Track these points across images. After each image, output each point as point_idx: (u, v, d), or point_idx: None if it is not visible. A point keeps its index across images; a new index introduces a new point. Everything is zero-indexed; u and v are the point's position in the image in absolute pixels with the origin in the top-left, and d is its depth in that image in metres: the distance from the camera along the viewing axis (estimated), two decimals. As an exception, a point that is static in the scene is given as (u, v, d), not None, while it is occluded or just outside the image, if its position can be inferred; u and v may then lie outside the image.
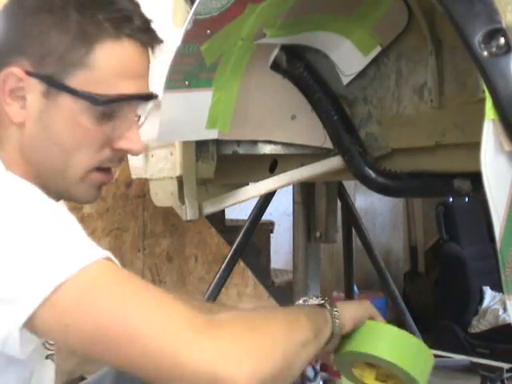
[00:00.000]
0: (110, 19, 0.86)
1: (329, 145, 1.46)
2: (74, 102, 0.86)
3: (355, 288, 3.24)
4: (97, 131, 0.88)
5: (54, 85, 0.86)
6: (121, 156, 0.94)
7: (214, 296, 2.26)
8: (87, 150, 0.89)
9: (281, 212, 3.49)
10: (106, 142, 0.90)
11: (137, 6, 0.91)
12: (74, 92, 0.86)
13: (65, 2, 0.86)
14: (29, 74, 0.86)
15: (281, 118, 1.46)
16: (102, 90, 0.86)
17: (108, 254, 0.79)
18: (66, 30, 0.85)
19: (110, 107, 0.88)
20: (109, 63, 0.87)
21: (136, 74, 0.89)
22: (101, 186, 0.94)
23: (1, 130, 0.89)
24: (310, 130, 1.46)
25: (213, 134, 1.39)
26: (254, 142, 1.48)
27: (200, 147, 1.47)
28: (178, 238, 2.80)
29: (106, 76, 0.87)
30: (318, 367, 2.33)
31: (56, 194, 0.91)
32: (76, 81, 0.86)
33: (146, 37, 0.90)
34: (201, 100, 1.29)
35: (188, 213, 1.50)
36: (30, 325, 0.74)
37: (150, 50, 0.92)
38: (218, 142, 1.48)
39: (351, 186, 3.37)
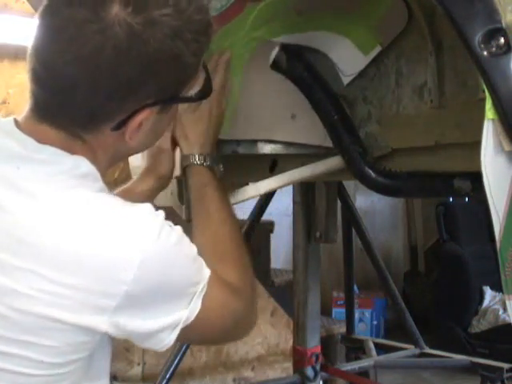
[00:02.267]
0: (209, 37, 0.96)
1: (329, 144, 1.47)
2: (182, 103, 1.03)
3: (355, 288, 3.25)
4: None
5: (172, 101, 0.96)
6: None
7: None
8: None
9: (281, 212, 3.49)
10: None
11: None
12: (187, 99, 1.00)
13: (182, 44, 0.89)
14: (153, 105, 0.91)
15: (281, 118, 1.46)
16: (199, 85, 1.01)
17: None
18: (188, 64, 0.92)
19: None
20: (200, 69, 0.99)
21: None
22: None
23: (95, 151, 0.93)
24: (310, 129, 1.46)
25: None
26: (254, 142, 1.48)
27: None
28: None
29: (198, 77, 0.99)
30: (318, 367, 2.33)
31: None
32: (186, 88, 0.96)
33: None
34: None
35: (188, 213, 1.50)
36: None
37: None
38: (217, 142, 1.48)
39: (351, 186, 3.37)
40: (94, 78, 0.85)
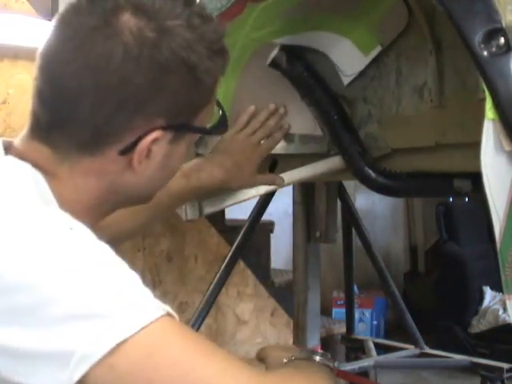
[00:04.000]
0: (224, 61, 0.89)
1: (319, 132, 1.48)
2: (195, 136, 0.92)
3: (355, 288, 3.25)
4: None
5: (184, 130, 0.87)
6: None
7: (213, 296, 2.26)
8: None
9: (281, 212, 3.49)
10: None
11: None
12: (202, 130, 0.92)
13: (196, 57, 0.83)
14: (164, 129, 0.84)
15: None
16: (209, 120, 0.92)
17: (168, 308, 0.74)
18: (201, 83, 0.85)
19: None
20: (214, 98, 0.91)
21: None
22: None
23: (88, 177, 0.84)
24: (300, 119, 1.47)
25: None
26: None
27: (199, 146, 1.47)
28: (177, 237, 2.79)
29: (211, 109, 0.92)
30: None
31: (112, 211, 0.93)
32: (198, 120, 0.89)
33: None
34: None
35: (188, 213, 1.50)
36: (82, 382, 0.69)
37: None
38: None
39: (351, 185, 3.36)
40: (100, 88, 0.79)
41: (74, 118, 0.81)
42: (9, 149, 0.85)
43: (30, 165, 0.81)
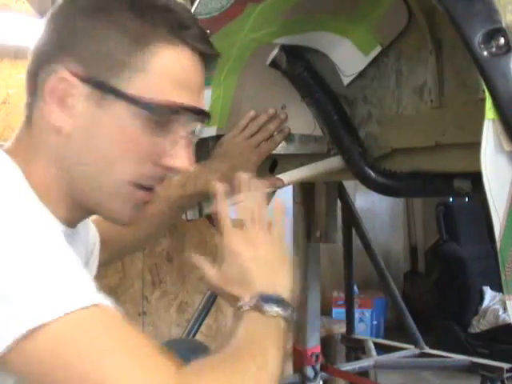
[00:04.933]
0: (166, 24, 0.81)
1: (318, 132, 1.48)
2: (127, 109, 0.80)
3: (355, 288, 3.25)
4: (144, 142, 0.81)
5: (110, 92, 0.79)
6: (162, 174, 0.86)
7: (214, 296, 2.26)
8: (130, 161, 0.82)
9: (281, 212, 3.48)
10: (151, 155, 0.83)
11: (194, 17, 0.87)
12: (130, 99, 0.79)
13: (121, 4, 0.81)
14: (82, 79, 0.79)
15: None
16: (156, 98, 0.80)
17: (101, 300, 0.70)
18: (124, 31, 0.79)
19: (164, 116, 0.81)
20: (164, 69, 0.81)
21: (191, 85, 0.84)
22: (139, 206, 0.87)
23: (35, 141, 0.83)
24: (299, 119, 1.47)
25: (211, 131, 1.40)
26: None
27: (199, 146, 1.47)
28: (177, 237, 2.79)
29: (160, 82, 0.81)
30: (317, 367, 2.33)
31: (88, 209, 0.87)
32: (131, 87, 0.79)
33: (203, 47, 0.84)
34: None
35: (188, 213, 1.50)
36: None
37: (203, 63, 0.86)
38: (216, 139, 1.49)
39: (351, 186, 3.36)
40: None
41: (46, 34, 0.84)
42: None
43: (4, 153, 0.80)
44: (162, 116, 0.81)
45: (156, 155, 0.83)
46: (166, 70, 0.81)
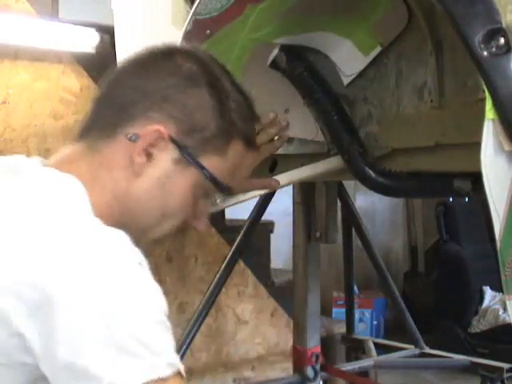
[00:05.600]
0: (249, 129, 0.97)
1: (321, 138, 1.48)
2: (197, 176, 0.92)
3: (355, 288, 3.25)
4: (195, 204, 0.95)
5: (190, 158, 0.90)
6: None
7: (213, 296, 2.26)
8: (178, 219, 0.95)
9: (281, 212, 3.48)
10: (190, 215, 0.96)
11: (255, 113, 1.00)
12: (205, 171, 0.92)
13: (226, 89, 0.92)
14: (172, 139, 0.89)
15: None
16: (218, 177, 0.93)
17: (182, 367, 0.75)
18: (222, 115, 0.91)
19: (213, 190, 0.95)
20: (232, 159, 0.95)
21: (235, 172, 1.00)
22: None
23: (103, 169, 0.90)
24: (302, 124, 1.47)
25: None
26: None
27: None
28: (177, 237, 2.79)
29: (226, 167, 0.94)
30: (317, 367, 2.33)
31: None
32: (208, 162, 0.91)
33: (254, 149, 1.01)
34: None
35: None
36: None
37: None
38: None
39: (351, 186, 3.37)
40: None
41: (112, 97, 0.92)
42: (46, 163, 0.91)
43: (70, 175, 0.86)
44: (213, 190, 0.95)
45: (193, 216, 0.96)
46: (232, 160, 0.95)
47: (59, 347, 0.71)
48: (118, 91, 0.92)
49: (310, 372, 2.31)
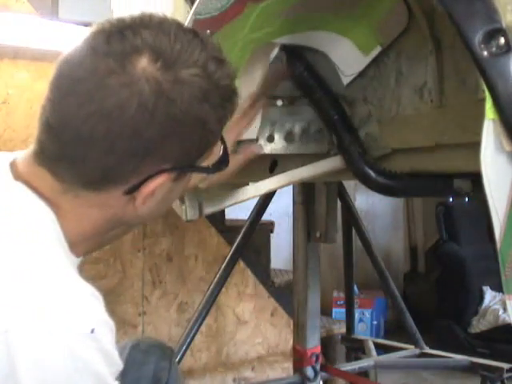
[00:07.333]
0: (234, 105, 0.93)
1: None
2: (195, 173, 0.94)
3: (355, 288, 3.25)
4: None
5: (188, 170, 0.91)
6: None
7: (213, 296, 2.26)
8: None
9: (281, 212, 3.49)
10: None
11: None
12: (203, 169, 0.93)
13: (209, 108, 0.86)
14: (169, 171, 0.87)
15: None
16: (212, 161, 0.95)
17: None
18: (211, 131, 0.89)
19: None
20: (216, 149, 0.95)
21: None
22: None
23: (93, 208, 0.87)
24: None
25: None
26: (254, 142, 1.49)
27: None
28: (177, 237, 2.79)
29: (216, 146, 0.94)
30: (317, 367, 2.33)
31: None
32: (201, 161, 0.91)
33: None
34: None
35: (188, 213, 1.50)
36: None
37: None
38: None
39: (351, 186, 3.37)
40: (112, 136, 0.80)
41: (85, 159, 0.82)
42: (14, 170, 0.87)
43: (39, 198, 0.84)
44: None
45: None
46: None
47: None
48: (85, 133, 0.81)
49: (309, 372, 2.31)
